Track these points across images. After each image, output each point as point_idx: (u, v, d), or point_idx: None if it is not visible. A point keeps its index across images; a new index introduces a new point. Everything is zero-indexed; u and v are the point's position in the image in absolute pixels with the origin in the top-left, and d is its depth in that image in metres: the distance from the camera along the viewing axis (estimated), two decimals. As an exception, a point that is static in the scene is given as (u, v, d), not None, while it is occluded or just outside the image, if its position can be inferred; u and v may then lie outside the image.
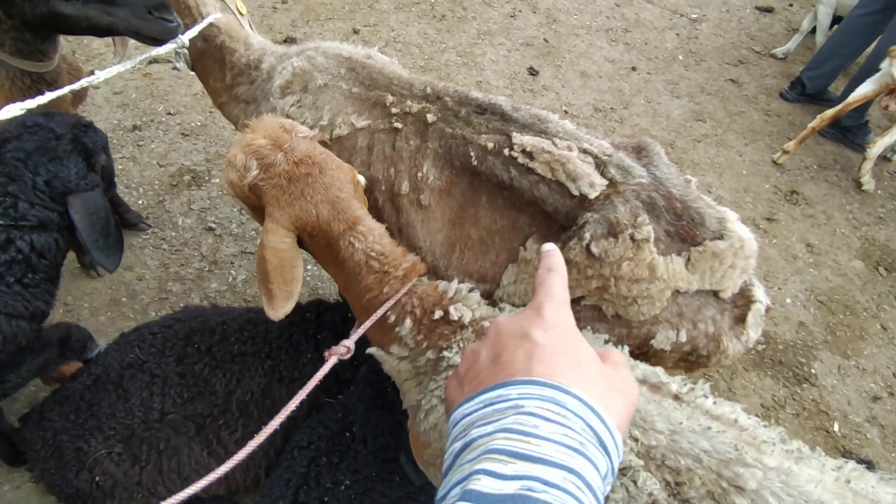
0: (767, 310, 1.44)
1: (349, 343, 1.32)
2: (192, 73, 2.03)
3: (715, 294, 1.41)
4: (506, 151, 1.45)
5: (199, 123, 3.46)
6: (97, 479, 1.73)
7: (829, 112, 3.95)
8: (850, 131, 4.42)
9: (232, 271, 2.76)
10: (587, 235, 1.34)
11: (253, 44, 1.91)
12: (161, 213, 2.90)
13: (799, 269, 3.46)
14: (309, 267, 2.76)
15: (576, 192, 1.37)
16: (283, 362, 1.91)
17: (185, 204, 2.97)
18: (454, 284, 1.34)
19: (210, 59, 1.93)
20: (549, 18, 5.18)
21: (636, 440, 1.07)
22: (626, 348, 1.37)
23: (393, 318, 1.31)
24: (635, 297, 1.36)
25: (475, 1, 5.17)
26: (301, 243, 1.37)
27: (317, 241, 1.34)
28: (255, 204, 1.36)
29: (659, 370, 1.23)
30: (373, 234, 1.34)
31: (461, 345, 1.22)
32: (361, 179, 1.48)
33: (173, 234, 2.83)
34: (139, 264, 2.67)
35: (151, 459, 1.77)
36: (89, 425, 1.77)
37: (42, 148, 1.50)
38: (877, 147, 3.86)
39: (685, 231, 1.35)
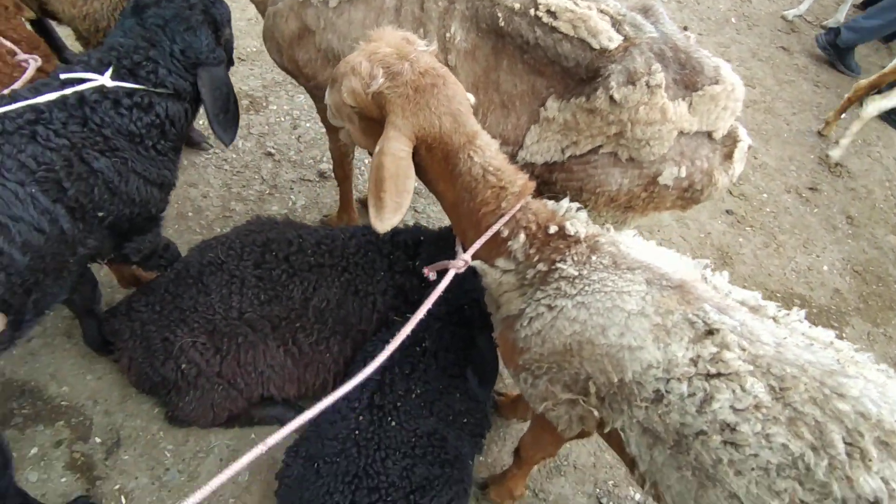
0: (749, 148, 1.66)
1: (466, 257, 1.37)
2: None
3: (709, 135, 1.60)
4: (531, 11, 1.56)
5: (254, 49, 3.43)
6: (182, 366, 1.83)
7: (864, 82, 3.90)
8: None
9: (291, 196, 2.80)
10: (612, 84, 1.50)
11: None
12: (220, 134, 2.92)
13: (838, 238, 3.49)
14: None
15: (597, 46, 1.52)
16: (359, 277, 1.98)
17: (245, 128, 2.99)
18: (565, 203, 1.39)
19: None
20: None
21: (744, 349, 1.14)
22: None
23: (506, 232, 1.35)
24: (648, 139, 1.54)
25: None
26: (414, 158, 1.39)
27: (434, 154, 1.37)
28: (372, 114, 1.38)
29: (757, 294, 1.29)
30: (490, 149, 1.37)
31: (575, 258, 1.28)
32: (472, 99, 1.50)
33: (234, 156, 2.86)
34: (203, 182, 2.71)
35: (231, 351, 1.86)
36: (174, 317, 1.86)
37: (179, 16, 1.53)
38: (871, 107, 3.75)
39: (688, 78, 1.55)
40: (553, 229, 1.32)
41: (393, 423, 1.74)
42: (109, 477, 1.90)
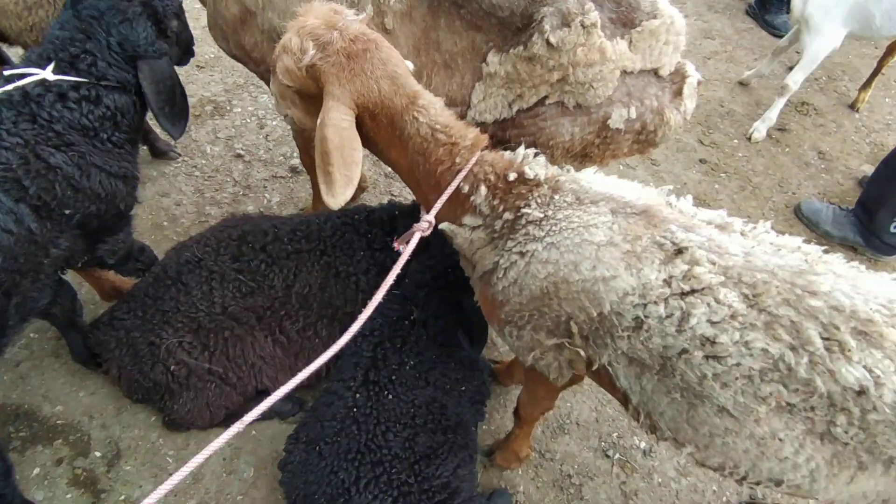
0: (699, 83, 1.67)
1: (430, 217, 1.37)
2: None
3: (655, 73, 1.60)
4: None
5: (212, 56, 3.41)
6: (172, 368, 1.82)
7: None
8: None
9: (266, 195, 2.79)
10: (546, 27, 1.50)
11: None
12: (189, 143, 2.90)
13: (811, 174, 3.53)
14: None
15: None
16: (339, 258, 1.98)
17: (212, 133, 2.97)
18: (521, 150, 1.39)
19: None
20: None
21: (713, 263, 1.15)
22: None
23: (467, 188, 1.35)
24: (591, 81, 1.55)
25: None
26: (360, 129, 1.38)
27: (378, 121, 1.36)
28: (310, 90, 1.36)
29: (722, 212, 1.30)
30: (434, 107, 1.36)
31: (539, 200, 1.28)
32: (410, 65, 1.50)
33: (203, 161, 2.84)
34: (175, 191, 2.70)
35: (219, 347, 1.86)
36: (157, 319, 1.85)
37: (114, 8, 1.52)
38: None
39: (625, 16, 1.55)
40: (513, 176, 1.33)
41: (390, 397, 1.74)
42: (114, 489, 1.89)
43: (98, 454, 1.96)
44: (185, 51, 1.76)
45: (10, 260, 1.36)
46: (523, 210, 1.30)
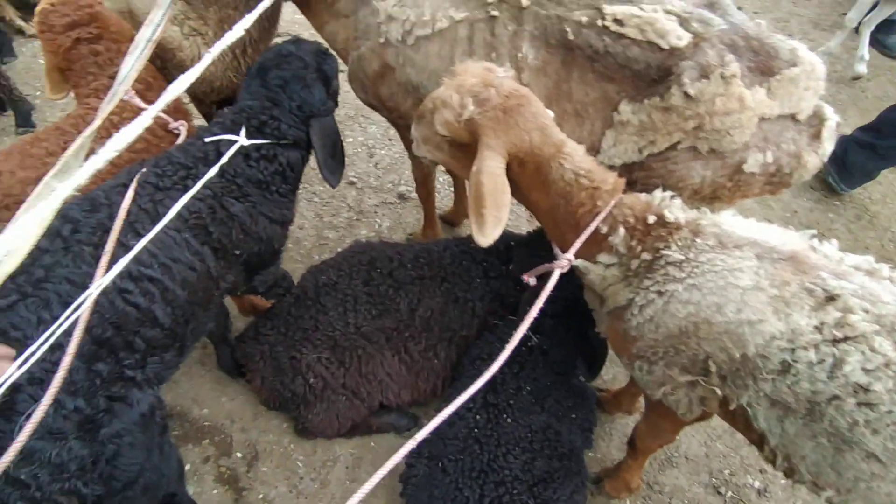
0: (837, 125, 1.65)
1: (569, 256, 1.46)
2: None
3: (793, 117, 1.61)
4: (598, 22, 1.65)
5: (324, 88, 3.70)
6: (311, 381, 2.01)
7: None
8: None
9: (377, 220, 3.00)
10: (685, 80, 1.55)
11: None
12: (307, 171, 3.13)
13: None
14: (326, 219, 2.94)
15: (666, 46, 1.58)
16: (458, 285, 2.11)
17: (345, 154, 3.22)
18: (658, 193, 1.45)
19: None
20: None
21: (867, 311, 1.16)
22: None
23: (605, 228, 1.43)
24: (728, 129, 1.58)
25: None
26: (507, 174, 1.48)
27: (526, 167, 1.47)
28: (464, 140, 1.50)
29: (870, 258, 1.30)
30: (578, 154, 1.47)
31: (680, 243, 1.34)
32: (551, 114, 1.60)
33: (321, 188, 3.09)
34: (297, 216, 2.91)
35: (353, 364, 2.03)
36: (298, 336, 2.05)
37: (296, 76, 1.73)
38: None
39: (764, 64, 1.57)
40: (652, 219, 1.39)
41: (508, 420, 1.83)
42: (253, 488, 2.10)
43: (239, 455, 2.18)
44: (335, 99, 1.97)
45: (192, 293, 1.58)
46: (663, 252, 1.36)
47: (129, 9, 2.12)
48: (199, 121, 2.54)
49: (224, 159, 1.61)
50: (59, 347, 1.24)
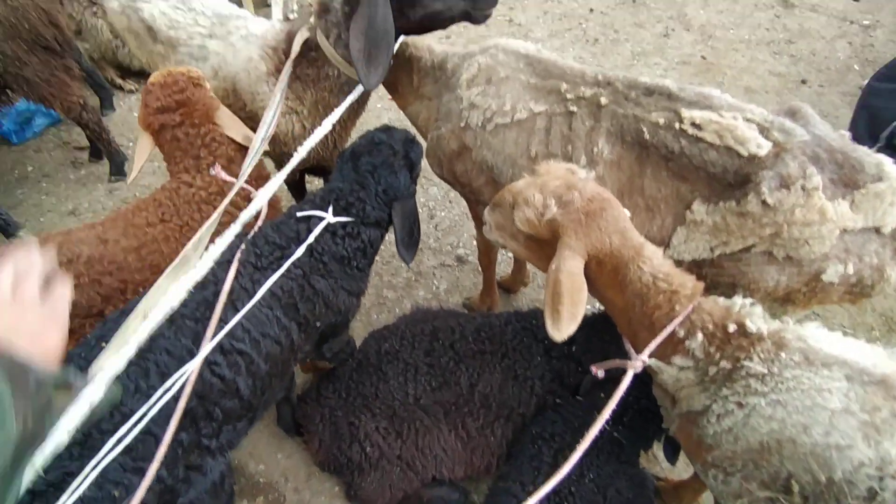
0: None
1: (644, 357, 1.46)
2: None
3: (877, 230, 1.58)
4: (676, 125, 1.68)
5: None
6: (367, 449, 2.03)
7: None
8: None
9: (434, 281, 3.05)
10: (764, 189, 1.55)
11: (436, 50, 2.23)
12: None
13: None
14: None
15: (745, 153, 1.59)
16: (518, 362, 2.11)
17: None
18: (738, 299, 1.44)
19: (398, 69, 2.25)
20: (704, 35, 5.11)
21: None
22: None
23: (682, 332, 1.43)
24: (807, 239, 1.57)
25: (626, 23, 5.25)
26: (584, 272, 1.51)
27: (604, 267, 1.50)
28: (543, 237, 1.55)
29: None
30: (657, 258, 1.49)
31: (762, 355, 1.32)
32: (628, 213, 1.63)
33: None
34: (358, 272, 3.05)
35: (410, 436, 2.04)
36: (358, 403, 2.09)
37: (385, 164, 1.85)
38: None
39: (847, 177, 1.56)
40: (732, 328, 1.38)
41: (568, 509, 1.79)
42: (302, 551, 2.11)
43: (290, 515, 2.20)
44: (415, 180, 2.08)
45: (273, 366, 1.66)
46: (744, 362, 1.33)
47: (233, 87, 2.32)
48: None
49: (312, 237, 1.72)
50: (147, 433, 1.31)
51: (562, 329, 1.42)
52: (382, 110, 4.17)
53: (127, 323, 1.31)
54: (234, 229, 1.35)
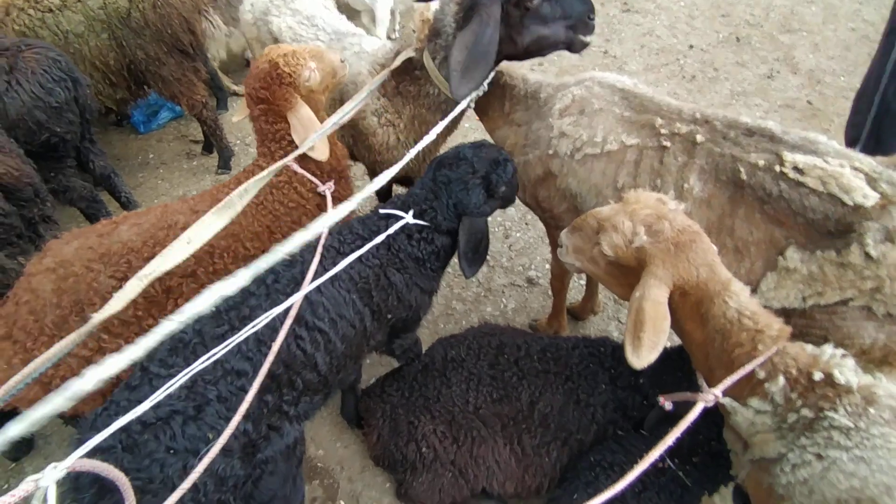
0: None
1: (717, 392, 1.43)
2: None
3: None
4: (776, 168, 1.65)
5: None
6: (423, 450, 2.09)
7: None
8: None
9: (503, 299, 3.10)
10: (869, 241, 1.49)
11: (529, 79, 2.29)
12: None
13: None
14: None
15: (850, 202, 1.54)
16: (582, 387, 2.10)
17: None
18: (828, 349, 1.38)
19: (492, 95, 2.32)
20: (811, 80, 4.87)
21: None
22: None
23: (763, 374, 1.38)
24: None
25: (727, 62, 5.11)
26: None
27: (687, 299, 1.49)
28: (629, 263, 1.56)
29: None
30: (744, 295, 1.46)
31: (849, 408, 1.25)
32: (715, 249, 1.61)
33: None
34: (430, 281, 3.16)
35: (466, 443, 2.07)
36: (419, 404, 2.16)
37: (460, 179, 1.94)
38: None
39: None
40: (818, 376, 1.32)
41: (621, 545, 1.75)
42: (349, 539, 2.19)
43: (342, 503, 2.29)
44: (507, 201, 2.14)
45: (348, 347, 1.78)
46: (828, 413, 1.27)
47: (342, 100, 2.49)
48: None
49: (390, 231, 1.84)
50: (244, 375, 1.46)
51: (642, 357, 1.42)
52: (470, 130, 4.31)
53: (173, 245, 1.45)
54: (314, 231, 1.48)
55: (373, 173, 2.68)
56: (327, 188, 2.18)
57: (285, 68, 2.08)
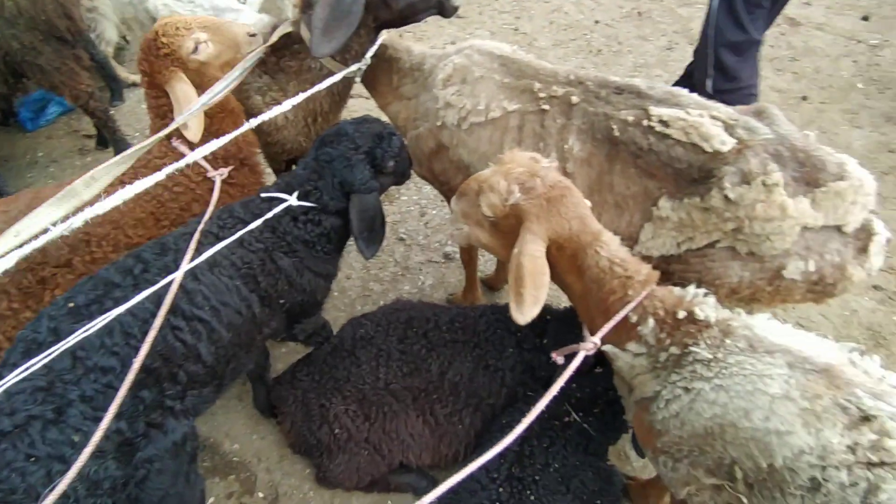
0: (887, 241, 1.62)
1: (596, 339, 1.48)
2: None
3: (838, 229, 1.59)
4: (644, 122, 1.72)
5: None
6: (336, 431, 2.06)
7: None
8: None
9: (421, 276, 3.10)
10: (726, 184, 1.58)
11: (414, 50, 2.28)
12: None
13: None
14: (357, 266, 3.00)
15: (709, 149, 1.62)
16: (489, 352, 2.13)
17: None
18: (692, 289, 1.46)
19: (379, 69, 2.29)
20: (708, 50, 5.13)
21: None
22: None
23: (635, 318, 1.45)
24: (768, 234, 1.58)
25: (630, 35, 5.30)
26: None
27: (564, 252, 1.54)
28: (507, 222, 1.58)
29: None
30: (614, 243, 1.53)
31: (709, 342, 1.34)
32: (589, 204, 1.66)
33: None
34: (346, 266, 3.10)
35: (378, 419, 2.07)
36: (330, 386, 2.13)
37: (342, 156, 1.88)
38: None
39: (809, 175, 1.59)
40: (682, 314, 1.40)
41: (532, 497, 1.80)
42: (270, 530, 2.13)
43: (261, 495, 2.23)
44: (401, 176, 2.11)
45: (236, 336, 1.71)
46: (691, 348, 1.35)
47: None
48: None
49: (270, 214, 1.76)
50: (111, 371, 1.37)
51: (525, 312, 1.45)
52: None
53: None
54: (155, 180, 1.40)
55: (268, 157, 2.58)
56: (218, 174, 2.08)
57: (163, 38, 1.95)
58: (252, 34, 2.09)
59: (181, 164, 1.54)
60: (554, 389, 1.41)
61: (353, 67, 2.11)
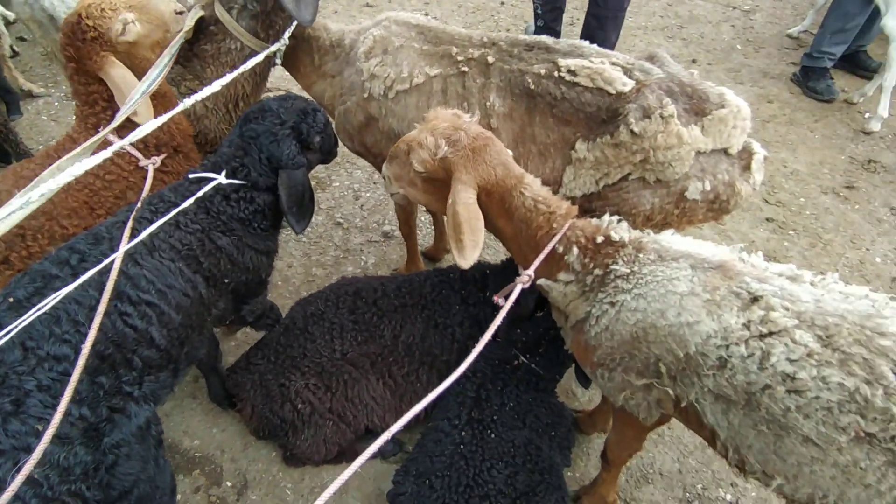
0: (764, 158, 1.88)
1: (529, 272, 1.64)
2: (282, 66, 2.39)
3: (725, 151, 1.84)
4: (555, 73, 1.90)
5: (312, 138, 3.94)
6: (299, 406, 2.10)
7: None
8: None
9: (362, 257, 3.16)
10: (631, 119, 1.78)
11: (331, 28, 2.36)
12: (295, 213, 3.35)
13: (885, 230, 3.55)
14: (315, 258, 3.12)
15: (613, 91, 1.83)
16: (437, 312, 2.25)
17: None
18: (606, 217, 1.65)
19: (299, 50, 2.35)
20: (606, 23, 5.49)
21: (787, 308, 1.33)
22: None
23: (561, 249, 1.62)
24: (670, 161, 1.80)
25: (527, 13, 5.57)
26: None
27: (492, 197, 1.68)
28: (438, 176, 1.70)
29: (792, 266, 1.49)
30: (535, 184, 1.69)
31: (625, 258, 1.52)
32: (510, 153, 1.81)
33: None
34: (286, 255, 3.12)
35: (339, 388, 2.14)
36: (287, 364, 2.16)
37: (268, 132, 1.90)
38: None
39: (696, 106, 1.82)
40: (601, 239, 1.58)
41: (493, 436, 1.94)
42: (243, 516, 2.15)
43: (229, 484, 2.24)
44: (327, 154, 2.15)
45: (186, 317, 1.72)
46: (612, 267, 1.54)
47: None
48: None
49: (200, 193, 1.78)
50: (65, 359, 1.37)
51: (467, 256, 1.57)
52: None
53: None
54: (105, 156, 1.41)
55: (198, 146, 2.55)
56: (150, 163, 2.04)
57: (88, 21, 1.88)
58: (179, 11, 2.06)
59: (109, 152, 1.53)
60: (498, 319, 1.55)
61: (274, 47, 2.14)
